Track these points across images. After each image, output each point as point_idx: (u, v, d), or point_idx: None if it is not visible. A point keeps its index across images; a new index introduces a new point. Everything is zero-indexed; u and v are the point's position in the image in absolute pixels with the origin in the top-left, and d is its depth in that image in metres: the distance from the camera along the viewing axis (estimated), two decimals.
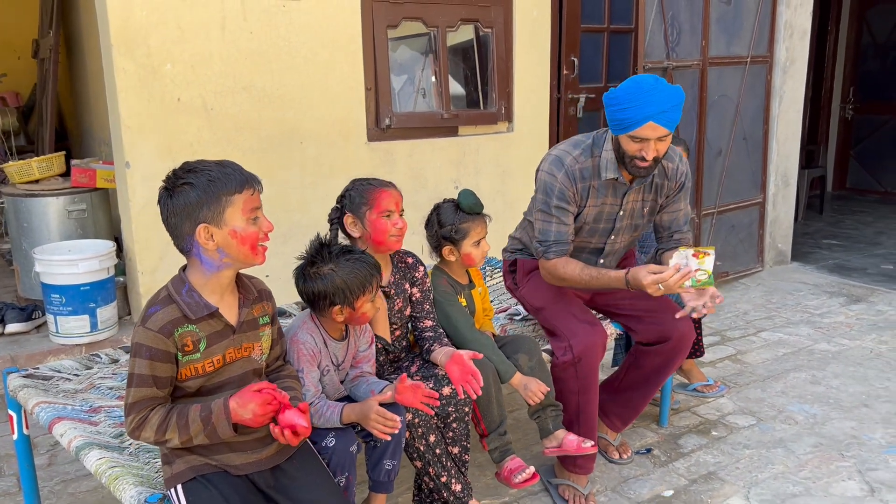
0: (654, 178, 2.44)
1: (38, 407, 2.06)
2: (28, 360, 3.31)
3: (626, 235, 2.56)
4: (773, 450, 2.86)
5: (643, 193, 2.48)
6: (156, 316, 1.61)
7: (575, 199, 2.43)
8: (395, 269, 2.28)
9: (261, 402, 1.60)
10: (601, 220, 2.50)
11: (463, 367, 2.05)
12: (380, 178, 2.25)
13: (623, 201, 2.45)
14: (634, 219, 2.53)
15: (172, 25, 3.35)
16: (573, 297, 2.59)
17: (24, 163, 3.94)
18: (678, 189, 2.50)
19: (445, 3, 4.13)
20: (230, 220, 1.60)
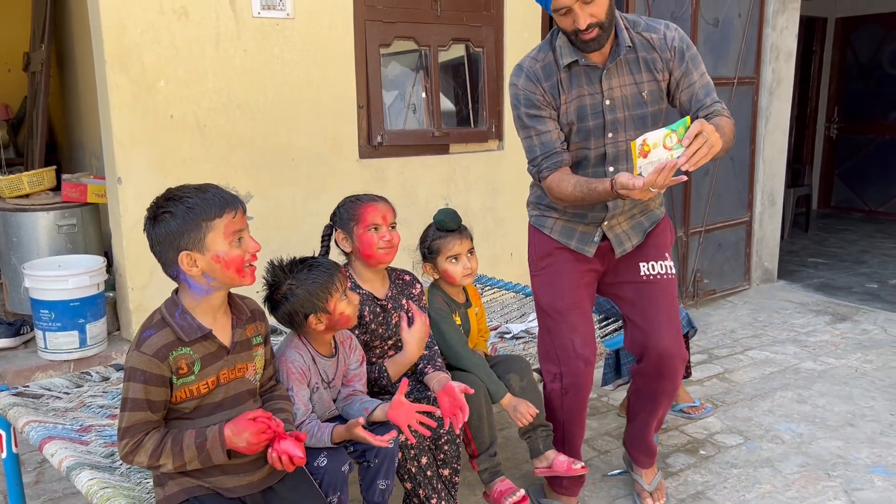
0: (637, 54, 2.17)
1: (29, 426, 2.05)
2: (16, 375, 3.30)
3: (630, 131, 2.22)
4: (760, 469, 2.88)
5: (630, 75, 2.19)
6: (150, 340, 1.62)
7: (546, 100, 2.20)
8: (393, 284, 2.31)
9: (255, 431, 1.61)
10: (587, 117, 2.21)
11: (453, 400, 2.05)
12: (371, 194, 2.28)
13: (603, 87, 2.18)
14: (633, 108, 2.21)
15: (166, 43, 3.37)
16: (581, 306, 2.39)
17: (14, 177, 3.93)
18: (677, 58, 2.18)
19: (437, 23, 4.17)
20: (212, 245, 1.61)
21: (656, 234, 2.43)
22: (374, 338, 2.22)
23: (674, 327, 2.35)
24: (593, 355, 2.40)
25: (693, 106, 2.20)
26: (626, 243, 2.39)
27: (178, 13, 3.38)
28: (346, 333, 2.13)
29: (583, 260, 2.40)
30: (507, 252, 4.64)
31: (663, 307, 2.37)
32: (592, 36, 2.06)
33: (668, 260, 2.42)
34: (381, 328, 2.24)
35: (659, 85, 2.21)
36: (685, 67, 2.19)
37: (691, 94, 2.20)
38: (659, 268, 2.40)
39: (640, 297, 2.39)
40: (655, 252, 2.41)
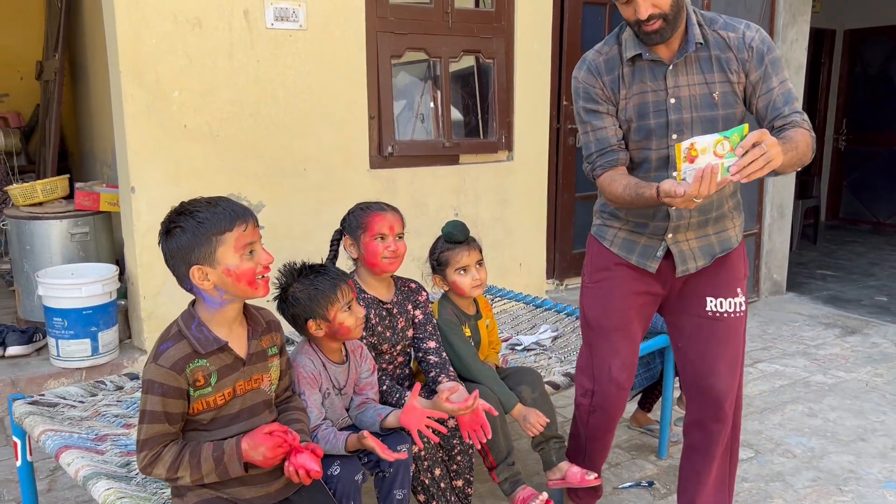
0: (710, 52, 2.03)
1: (45, 435, 2.06)
2: (28, 383, 3.31)
3: (698, 134, 2.04)
4: (771, 483, 2.88)
5: (700, 74, 2.05)
6: (168, 353, 1.63)
7: (605, 94, 2.11)
8: (398, 290, 2.33)
9: (271, 446, 1.62)
10: (648, 114, 2.08)
11: (475, 416, 2.06)
12: (381, 202, 2.30)
13: (668, 84, 2.05)
14: (701, 109, 2.06)
15: (181, 53, 3.40)
16: (627, 329, 2.25)
17: (28, 185, 3.96)
18: (755, 59, 2.01)
19: (449, 34, 4.20)
20: (223, 259, 1.62)
21: (729, 265, 2.21)
22: (382, 341, 2.24)
23: (733, 372, 2.19)
24: (629, 381, 2.28)
25: (769, 114, 2.04)
26: (690, 263, 2.19)
27: (193, 24, 3.41)
28: (356, 343, 2.15)
29: (642, 279, 2.23)
30: (516, 263, 4.65)
31: (725, 349, 2.20)
32: (654, 28, 1.95)
33: (739, 296, 2.21)
34: (388, 331, 2.26)
35: (733, 87, 2.05)
36: (763, 71, 2.02)
37: (769, 101, 2.04)
38: (727, 305, 2.19)
39: (700, 332, 2.22)
40: (726, 286, 2.20)
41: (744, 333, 2.26)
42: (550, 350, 2.98)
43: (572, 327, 3.19)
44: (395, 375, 2.31)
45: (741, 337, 2.25)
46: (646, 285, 2.24)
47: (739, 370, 2.24)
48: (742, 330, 2.24)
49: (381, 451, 1.86)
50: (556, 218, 5.04)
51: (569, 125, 4.90)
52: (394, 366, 2.30)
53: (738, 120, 2.09)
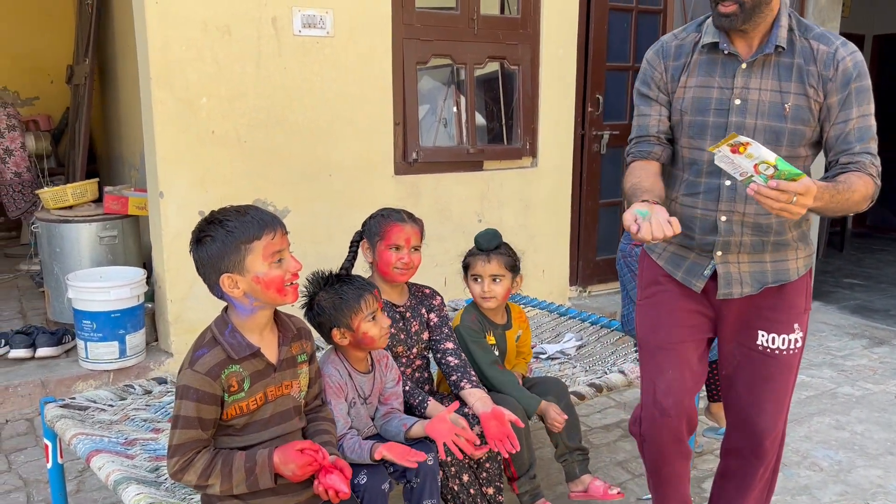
0: (793, 59, 1.86)
1: (76, 438, 2.09)
2: (58, 384, 3.36)
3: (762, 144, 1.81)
4: (797, 497, 2.84)
5: (776, 79, 1.87)
6: (203, 359, 1.65)
7: (663, 80, 2.00)
8: (412, 295, 2.36)
9: (301, 464, 1.64)
10: (708, 111, 1.92)
11: (501, 426, 2.06)
12: (403, 211, 2.31)
13: (736, 83, 1.89)
14: (769, 117, 1.87)
15: (209, 60, 3.44)
16: (676, 350, 2.07)
17: (59, 189, 4.03)
18: (840, 81, 1.83)
19: (474, 41, 4.20)
20: (251, 267, 1.64)
21: (787, 299, 2.02)
22: (396, 343, 2.26)
23: (780, 409, 2.06)
24: (676, 408, 2.04)
25: (837, 146, 1.86)
26: (735, 287, 2.00)
27: (222, 31, 3.45)
28: (381, 352, 2.17)
29: (690, 297, 2.06)
30: (539, 269, 4.64)
31: (774, 386, 2.04)
32: (729, 11, 1.83)
33: (795, 332, 2.02)
34: (402, 334, 2.28)
35: (809, 102, 1.86)
36: (845, 97, 1.84)
37: (841, 133, 1.85)
38: (781, 342, 2.02)
39: (749, 366, 2.07)
40: (782, 322, 2.02)
41: (797, 369, 2.09)
42: (575, 359, 2.97)
43: (596, 336, 3.17)
44: (415, 379, 2.32)
45: (793, 373, 2.08)
46: (696, 303, 2.07)
47: (787, 406, 2.10)
48: (795, 366, 2.07)
49: (400, 459, 1.86)
50: (579, 224, 5.02)
51: (594, 131, 4.88)
52: (412, 369, 2.32)
53: (808, 140, 1.90)
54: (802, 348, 2.08)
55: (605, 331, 3.20)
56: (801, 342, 2.05)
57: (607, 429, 3.39)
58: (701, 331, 2.09)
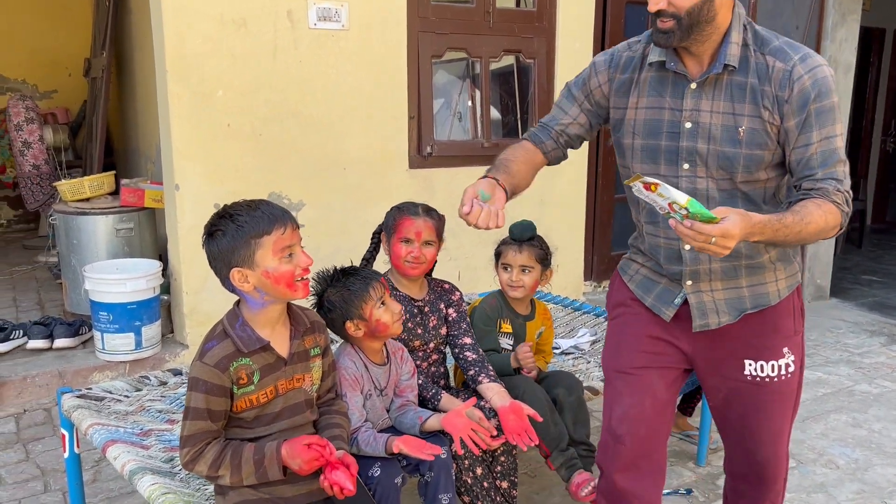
0: (747, 79, 1.69)
1: (92, 429, 2.11)
2: (75, 375, 3.39)
3: (714, 169, 1.73)
4: (813, 494, 2.82)
5: (729, 101, 1.70)
6: (212, 351, 1.67)
7: (600, 91, 1.87)
8: (431, 290, 2.36)
9: (308, 459, 1.65)
10: (660, 134, 1.77)
11: (520, 421, 2.06)
12: (421, 206, 2.31)
13: (686, 105, 1.73)
14: (721, 142, 1.71)
15: (226, 53, 3.44)
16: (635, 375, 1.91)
17: (76, 181, 4.06)
18: (796, 103, 1.65)
19: (490, 34, 4.19)
20: (261, 261, 1.64)
21: (770, 323, 1.85)
22: (413, 337, 2.26)
23: (780, 437, 1.90)
24: (629, 436, 1.88)
25: (798, 172, 1.69)
26: (711, 317, 1.84)
27: (238, 24, 3.45)
28: (396, 345, 2.17)
29: (658, 324, 1.90)
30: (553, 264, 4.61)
31: (771, 415, 1.88)
32: (665, 27, 1.67)
33: (786, 357, 1.85)
34: (419, 328, 2.28)
35: (765, 125, 1.69)
36: (804, 120, 1.66)
37: (801, 158, 1.68)
38: (771, 369, 1.84)
39: (739, 398, 1.90)
40: (769, 348, 1.85)
41: (796, 392, 1.92)
42: (589, 354, 2.96)
43: None
44: (430, 373, 2.32)
45: (791, 399, 1.91)
46: (664, 331, 1.89)
47: (787, 431, 1.93)
48: (792, 390, 1.90)
49: (416, 452, 1.86)
50: (594, 219, 5.00)
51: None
52: (428, 363, 2.32)
53: (767, 164, 1.72)
54: (799, 373, 1.90)
55: None
56: (796, 366, 1.88)
57: None
58: (667, 360, 1.92)
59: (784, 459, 1.96)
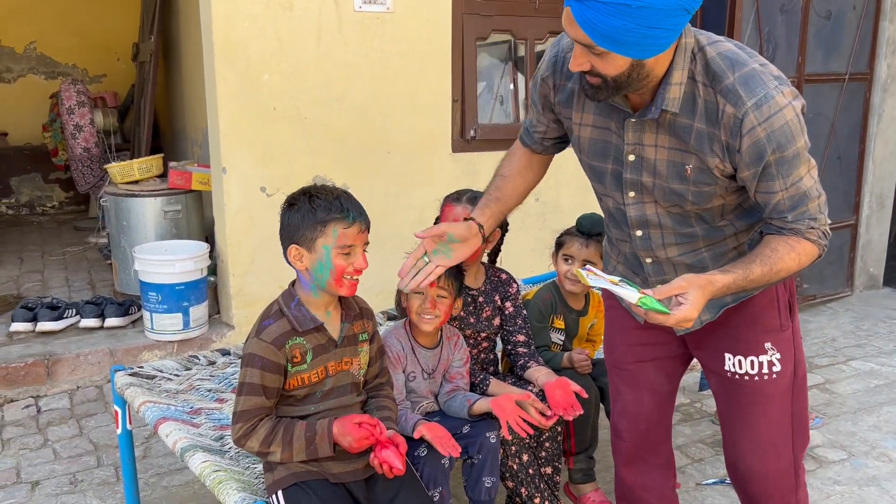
0: (693, 121, 1.52)
1: (144, 406, 2.16)
2: (125, 353, 3.47)
3: (661, 201, 1.62)
4: (865, 488, 2.75)
5: (673, 136, 1.55)
6: (269, 328, 1.70)
7: (549, 100, 1.73)
8: (488, 280, 2.34)
9: (358, 437, 1.67)
10: (606, 157, 1.66)
11: (566, 395, 2.06)
12: (464, 193, 2.31)
13: (628, 139, 1.60)
14: (668, 179, 1.58)
15: (272, 37, 3.46)
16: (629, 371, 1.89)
17: (125, 164, 4.14)
18: (749, 157, 1.48)
19: (535, 15, 4.13)
20: (319, 247, 1.67)
21: (751, 314, 1.72)
22: (465, 326, 2.25)
23: (762, 451, 1.75)
24: (629, 431, 1.89)
25: (767, 212, 1.57)
26: None
27: (284, 7, 3.46)
28: (453, 330, 2.19)
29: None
30: None
31: (750, 421, 1.75)
32: (593, 83, 1.50)
33: (768, 354, 1.71)
34: (472, 318, 2.27)
35: (714, 170, 1.54)
36: (761, 171, 1.50)
37: (767, 203, 1.55)
38: (749, 366, 1.72)
39: (722, 396, 1.81)
40: (748, 341, 1.72)
41: (789, 398, 1.75)
42: None
43: None
44: (480, 360, 2.32)
45: (778, 404, 1.73)
46: (648, 329, 1.78)
47: (779, 447, 1.75)
48: (780, 394, 1.73)
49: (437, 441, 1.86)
50: None
51: None
52: (478, 350, 2.32)
53: (722, 193, 1.58)
54: (791, 376, 1.73)
55: None
56: (785, 367, 1.71)
57: None
58: (661, 349, 1.85)
59: (780, 480, 1.77)
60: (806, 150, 1.51)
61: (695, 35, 1.51)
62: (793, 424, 1.76)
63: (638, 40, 1.37)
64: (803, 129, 1.49)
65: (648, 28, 1.35)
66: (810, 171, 1.53)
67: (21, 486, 2.69)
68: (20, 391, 3.31)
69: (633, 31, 1.35)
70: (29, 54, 6.94)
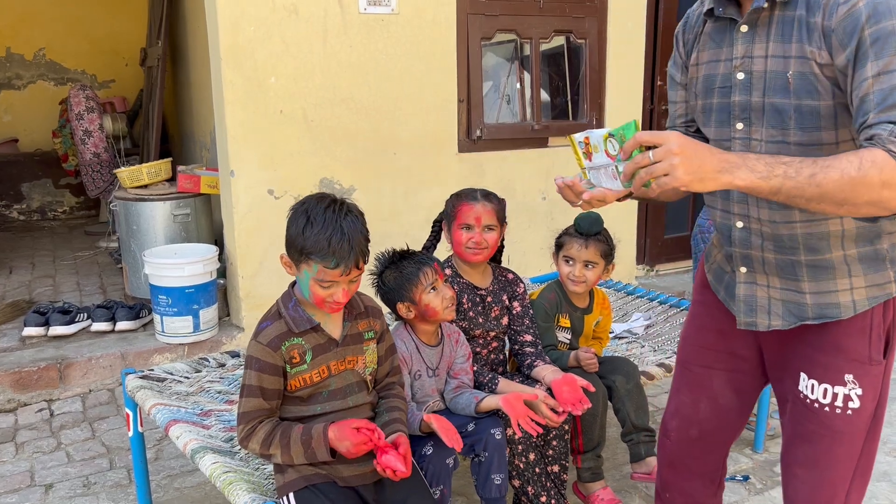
0: (796, 10, 1.40)
1: (155, 409, 2.18)
2: (136, 356, 3.50)
3: (767, 128, 1.47)
4: (876, 483, 2.74)
5: (780, 42, 1.43)
6: (266, 331, 1.73)
7: (681, 59, 1.68)
8: (496, 279, 2.35)
9: (356, 442, 1.67)
10: (713, 92, 1.57)
11: (574, 390, 2.06)
12: (480, 191, 2.30)
13: (736, 52, 1.49)
14: (773, 93, 1.45)
15: (277, 40, 3.48)
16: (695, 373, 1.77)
17: (135, 168, 4.16)
18: (843, 33, 1.33)
19: (540, 14, 4.13)
20: (302, 271, 1.70)
21: (834, 337, 1.51)
22: (474, 326, 2.26)
23: (815, 485, 1.56)
24: (677, 432, 1.79)
25: (856, 122, 1.34)
26: (761, 316, 1.59)
27: (289, 10, 3.48)
28: (452, 328, 2.19)
29: (726, 320, 1.67)
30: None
31: (812, 450, 1.55)
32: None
33: (847, 387, 1.49)
34: (480, 318, 2.28)
35: (813, 67, 1.38)
36: (855, 51, 1.32)
37: (857, 100, 1.33)
38: (822, 394, 1.51)
39: (791, 417, 1.60)
40: (828, 367, 1.51)
41: (861, 440, 1.53)
42: (643, 339, 2.92)
43: (665, 316, 3.11)
44: (490, 360, 2.33)
45: (846, 448, 1.53)
46: (730, 326, 1.66)
47: (833, 493, 1.56)
48: (853, 433, 1.52)
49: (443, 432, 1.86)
50: (647, 202, 4.91)
51: (663, 106, 4.75)
52: (487, 350, 2.32)
53: (828, 120, 1.40)
54: (869, 415, 1.51)
55: (673, 310, 3.14)
56: (863, 404, 1.49)
57: None
58: (738, 363, 1.71)
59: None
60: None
61: None
62: (856, 469, 1.56)
63: None
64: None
65: None
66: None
67: (35, 488, 2.71)
68: (33, 395, 3.34)
69: None
70: (38, 61, 7.00)
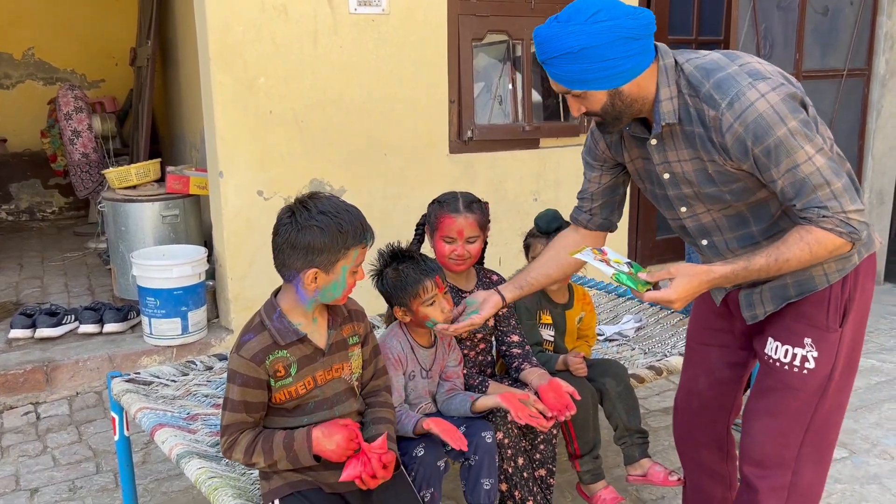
0: (693, 127, 1.65)
1: (141, 413, 2.16)
2: (124, 359, 3.47)
3: (705, 207, 1.76)
4: (866, 486, 2.74)
5: (688, 148, 1.68)
6: (248, 344, 1.68)
7: (604, 154, 1.90)
8: (480, 281, 2.34)
9: (347, 436, 1.66)
10: (653, 181, 1.83)
11: (559, 396, 2.05)
12: (462, 199, 2.26)
13: (656, 160, 1.76)
14: (700, 185, 1.71)
15: (267, 40, 3.46)
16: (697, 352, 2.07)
17: (123, 169, 4.13)
18: (737, 150, 1.58)
19: (531, 15, 4.12)
20: (338, 269, 1.67)
21: (803, 309, 1.74)
22: None
23: (768, 433, 1.79)
24: (681, 403, 2.11)
25: (780, 199, 1.65)
26: (758, 308, 1.81)
27: (279, 10, 3.46)
28: None
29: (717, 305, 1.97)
30: None
31: (766, 405, 1.80)
32: (598, 121, 1.72)
33: (805, 349, 1.73)
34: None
35: (725, 166, 1.65)
36: (755, 162, 1.59)
37: (777, 189, 1.62)
38: (783, 354, 1.76)
39: (756, 382, 1.87)
40: (792, 331, 1.76)
41: (814, 398, 1.75)
42: (633, 341, 2.91)
43: (656, 318, 3.11)
44: (478, 362, 2.32)
45: (800, 404, 1.75)
46: (723, 306, 1.95)
47: (784, 443, 1.78)
48: (806, 391, 1.74)
49: (445, 435, 1.85)
50: (638, 203, 4.91)
51: None
52: (476, 352, 2.31)
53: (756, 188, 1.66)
54: (823, 378, 1.73)
55: (664, 312, 3.13)
56: (820, 367, 1.72)
57: (666, 412, 3.32)
58: (729, 336, 1.97)
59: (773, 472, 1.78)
60: (798, 136, 1.54)
61: (673, 55, 1.66)
62: (809, 426, 1.77)
63: (599, 74, 1.58)
64: (785, 116, 1.53)
65: (601, 62, 1.56)
66: (812, 157, 1.55)
67: (20, 493, 2.68)
68: (19, 398, 3.31)
69: (590, 69, 1.57)
70: (27, 60, 6.95)
